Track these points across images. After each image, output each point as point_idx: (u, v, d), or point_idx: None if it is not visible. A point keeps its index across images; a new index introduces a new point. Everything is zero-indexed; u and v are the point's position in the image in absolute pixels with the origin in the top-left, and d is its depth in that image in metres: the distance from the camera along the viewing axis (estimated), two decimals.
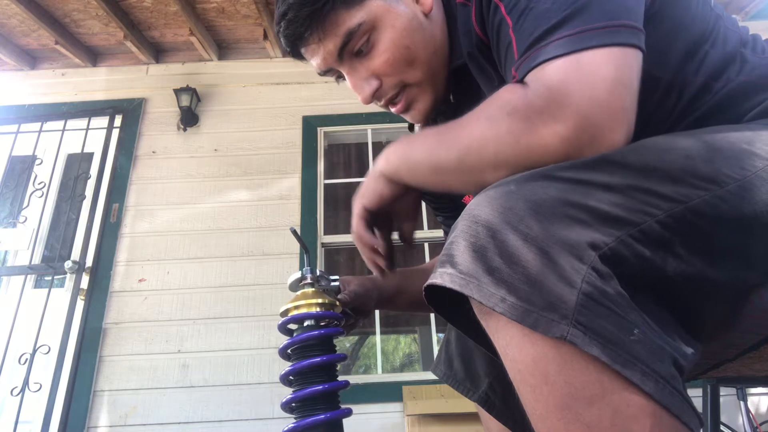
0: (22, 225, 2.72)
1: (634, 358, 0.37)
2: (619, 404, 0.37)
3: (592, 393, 0.37)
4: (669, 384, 0.38)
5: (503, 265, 0.40)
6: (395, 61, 0.69)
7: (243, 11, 2.87)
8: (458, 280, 0.42)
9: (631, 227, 0.41)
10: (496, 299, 0.39)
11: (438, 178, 0.57)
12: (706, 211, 0.43)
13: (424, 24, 0.70)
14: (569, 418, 0.38)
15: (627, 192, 0.43)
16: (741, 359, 0.76)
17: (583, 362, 0.38)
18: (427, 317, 3.09)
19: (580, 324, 0.37)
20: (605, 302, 0.38)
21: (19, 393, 2.26)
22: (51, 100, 3.04)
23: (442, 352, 0.91)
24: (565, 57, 0.48)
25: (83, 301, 2.52)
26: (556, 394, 0.38)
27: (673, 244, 0.43)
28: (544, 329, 0.37)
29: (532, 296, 0.38)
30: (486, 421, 0.87)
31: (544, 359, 0.38)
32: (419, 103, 0.74)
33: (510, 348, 0.41)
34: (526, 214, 0.41)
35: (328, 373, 0.70)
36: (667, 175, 0.44)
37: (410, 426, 2.18)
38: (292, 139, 2.95)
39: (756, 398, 2.41)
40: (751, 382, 1.67)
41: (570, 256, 0.39)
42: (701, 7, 0.62)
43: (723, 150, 0.48)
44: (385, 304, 0.95)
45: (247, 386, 2.38)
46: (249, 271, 2.60)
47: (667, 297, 0.43)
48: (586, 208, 0.42)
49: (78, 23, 2.89)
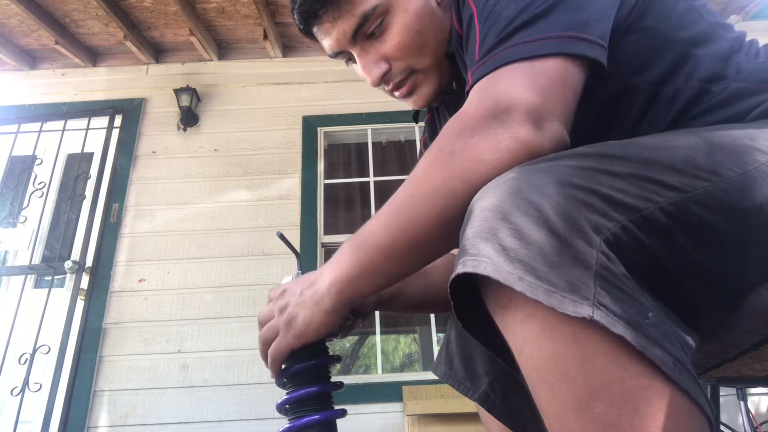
0: (22, 225, 2.72)
1: (653, 340, 0.37)
2: (640, 387, 0.36)
3: (612, 378, 0.36)
4: (685, 367, 0.37)
5: (517, 245, 0.39)
6: (406, 45, 0.71)
7: (243, 11, 2.87)
8: (470, 262, 0.40)
9: (633, 213, 0.41)
10: (513, 278, 0.38)
11: (410, 254, 0.54)
12: (708, 202, 0.43)
13: (435, 11, 0.72)
14: (587, 413, 0.36)
15: (629, 179, 0.43)
16: (741, 359, 0.76)
17: (605, 346, 0.36)
18: (427, 317, 3.10)
19: (602, 305, 0.36)
20: (619, 285, 0.38)
21: (19, 393, 2.26)
22: (51, 100, 3.04)
23: (442, 352, 0.91)
24: (517, 63, 0.52)
25: (83, 301, 2.52)
26: (576, 388, 0.37)
27: (674, 233, 0.42)
28: (570, 309, 0.36)
29: (551, 276, 0.37)
30: (486, 421, 0.87)
31: (564, 353, 0.37)
32: (423, 88, 0.76)
33: (527, 343, 0.39)
34: (533, 196, 0.41)
35: (321, 375, 0.70)
36: (669, 165, 0.44)
37: (410, 426, 2.18)
38: (292, 139, 2.95)
39: (756, 398, 2.41)
40: (751, 382, 1.67)
41: (580, 239, 0.38)
42: (689, 14, 0.63)
43: (724, 145, 0.48)
44: (384, 306, 0.95)
45: (247, 386, 2.38)
46: (249, 271, 2.60)
47: (666, 287, 0.43)
48: (590, 190, 0.41)
49: (78, 23, 2.89)
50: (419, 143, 1.29)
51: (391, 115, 3.02)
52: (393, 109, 3.03)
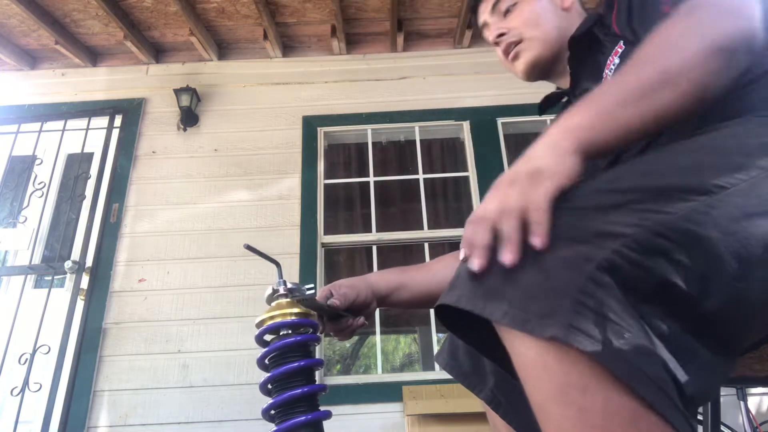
0: (22, 225, 2.72)
1: (622, 356, 0.40)
2: (605, 400, 0.40)
3: (580, 385, 0.41)
4: (654, 384, 0.40)
5: (504, 286, 0.45)
6: (523, 21, 0.96)
7: (243, 11, 2.88)
8: (465, 301, 0.47)
9: (626, 238, 0.44)
10: (499, 314, 0.44)
11: (649, 104, 0.52)
12: (698, 219, 0.45)
13: (559, 13, 0.97)
14: (564, 404, 0.41)
15: (619, 209, 0.46)
16: (741, 359, 0.76)
17: (574, 358, 0.41)
18: (427, 317, 3.10)
19: (570, 327, 0.40)
20: (597, 308, 0.41)
21: (19, 393, 2.26)
22: (51, 100, 3.04)
23: (447, 342, 0.91)
24: None
25: (83, 301, 2.52)
26: (553, 383, 0.42)
27: (672, 252, 0.44)
28: (538, 332, 0.41)
29: (529, 307, 0.42)
30: (492, 419, 0.86)
31: (542, 358, 0.42)
32: (527, 52, 0.97)
33: (513, 350, 0.45)
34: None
35: (306, 378, 0.71)
36: (656, 190, 0.47)
37: (410, 426, 2.18)
38: (292, 139, 2.95)
39: (756, 398, 2.41)
40: (751, 382, 1.67)
41: (567, 271, 0.43)
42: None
43: (713, 161, 0.50)
44: (386, 301, 0.95)
45: (247, 386, 2.38)
46: (249, 271, 2.60)
47: (676, 309, 0.44)
48: (581, 227, 0.45)
49: (78, 23, 2.89)
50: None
51: (391, 115, 3.02)
52: (393, 109, 3.03)
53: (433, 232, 2.81)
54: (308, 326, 0.78)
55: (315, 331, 0.80)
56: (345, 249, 3.79)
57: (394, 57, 3.18)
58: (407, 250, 3.49)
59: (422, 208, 2.85)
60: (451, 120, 3.02)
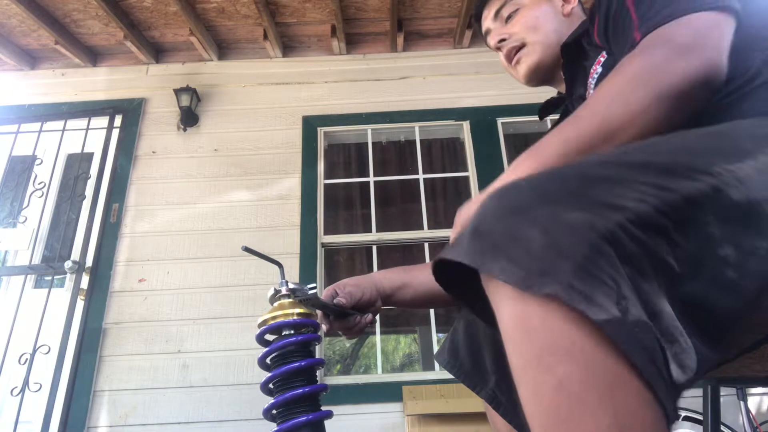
0: (22, 225, 2.72)
1: (618, 321, 0.40)
2: (587, 363, 0.40)
3: (567, 344, 0.40)
4: (648, 353, 0.40)
5: (506, 245, 0.44)
6: (524, 26, 0.99)
7: (243, 11, 2.88)
8: (464, 255, 0.46)
9: (629, 212, 0.44)
10: (497, 269, 0.43)
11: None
12: (700, 201, 0.45)
13: (559, 18, 0.99)
14: (542, 369, 0.41)
15: (625, 183, 0.46)
16: (741, 359, 0.76)
17: (565, 319, 0.41)
18: (427, 317, 3.10)
19: (570, 287, 0.40)
20: (598, 274, 0.41)
21: (19, 393, 2.26)
22: (51, 100, 3.04)
23: (447, 341, 0.91)
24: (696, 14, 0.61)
25: (83, 301, 2.52)
26: (535, 346, 0.41)
27: (670, 231, 0.44)
28: (536, 289, 0.41)
29: (530, 265, 0.42)
30: (493, 418, 0.87)
31: (530, 318, 0.42)
32: (528, 57, 0.99)
33: (500, 310, 0.45)
34: (533, 202, 0.46)
35: (308, 378, 0.72)
36: (663, 167, 0.47)
37: (410, 426, 2.18)
38: (292, 139, 2.95)
39: (756, 398, 2.41)
40: (751, 382, 1.66)
41: (570, 235, 0.42)
42: None
43: (722, 147, 0.51)
44: (390, 300, 0.95)
45: (247, 386, 2.38)
46: (249, 271, 2.61)
47: (673, 290, 0.44)
48: (586, 196, 0.45)
49: (78, 23, 2.89)
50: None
51: (391, 115, 3.02)
52: (393, 109, 3.03)
53: (433, 232, 2.81)
54: (310, 326, 0.79)
55: (316, 330, 0.81)
56: (345, 249, 3.79)
57: (394, 57, 3.18)
58: (407, 250, 3.50)
59: (422, 208, 2.85)
60: (451, 120, 3.02)
